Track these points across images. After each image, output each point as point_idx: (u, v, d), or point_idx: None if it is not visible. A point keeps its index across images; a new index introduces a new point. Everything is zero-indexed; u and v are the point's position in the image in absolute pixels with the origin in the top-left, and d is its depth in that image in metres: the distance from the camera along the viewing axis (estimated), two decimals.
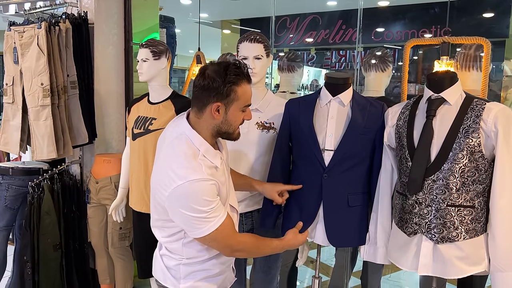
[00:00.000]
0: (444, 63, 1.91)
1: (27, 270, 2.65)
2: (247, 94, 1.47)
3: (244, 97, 1.46)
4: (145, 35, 3.19)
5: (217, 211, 1.43)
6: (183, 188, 1.38)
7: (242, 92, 1.44)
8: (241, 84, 1.44)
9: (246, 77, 1.46)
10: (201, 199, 1.39)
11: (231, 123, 1.48)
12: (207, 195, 1.40)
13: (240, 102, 1.45)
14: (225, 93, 1.41)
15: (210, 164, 1.45)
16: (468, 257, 1.60)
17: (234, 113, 1.46)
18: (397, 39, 6.49)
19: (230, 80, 1.41)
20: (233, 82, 1.42)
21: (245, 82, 1.45)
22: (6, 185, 2.78)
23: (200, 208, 1.39)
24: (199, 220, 1.40)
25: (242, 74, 1.44)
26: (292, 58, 2.93)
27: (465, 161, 1.56)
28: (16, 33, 2.69)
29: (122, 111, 3.12)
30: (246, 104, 1.48)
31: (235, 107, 1.45)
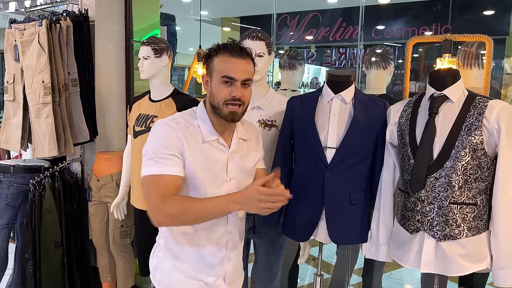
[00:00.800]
0: (446, 61, 1.91)
1: (28, 267, 2.65)
2: (225, 64, 1.42)
3: (220, 67, 1.43)
4: (146, 33, 3.19)
5: (165, 161, 1.39)
6: (154, 127, 1.46)
7: (218, 62, 1.43)
8: (220, 55, 1.43)
9: (230, 49, 1.43)
10: (157, 139, 1.42)
11: (214, 95, 1.44)
12: (163, 140, 1.41)
13: (217, 72, 1.43)
14: (208, 64, 1.47)
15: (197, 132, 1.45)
16: (471, 255, 1.60)
17: (214, 85, 1.45)
18: (397, 37, 6.49)
19: (211, 50, 1.46)
20: (211, 54, 1.45)
21: (227, 54, 1.43)
22: (7, 183, 2.78)
23: (152, 146, 1.42)
24: (145, 157, 1.42)
25: (225, 46, 1.44)
26: (293, 56, 2.92)
27: (467, 159, 1.56)
28: (17, 31, 2.68)
29: (123, 108, 3.12)
30: (223, 74, 1.42)
31: (215, 78, 1.44)
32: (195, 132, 1.46)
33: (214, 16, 7.52)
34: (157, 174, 1.38)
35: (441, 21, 5.86)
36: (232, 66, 1.42)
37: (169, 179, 1.39)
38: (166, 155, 1.39)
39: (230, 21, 8.00)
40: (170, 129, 1.43)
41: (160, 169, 1.38)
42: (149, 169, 1.40)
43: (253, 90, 2.05)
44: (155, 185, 1.38)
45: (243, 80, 1.43)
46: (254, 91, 2.05)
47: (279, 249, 2.15)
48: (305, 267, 3.59)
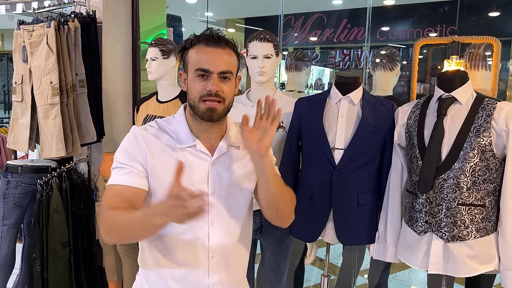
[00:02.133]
0: (454, 63, 1.91)
1: (36, 267, 2.66)
2: (199, 56, 1.23)
3: (194, 59, 1.24)
4: (153, 34, 3.20)
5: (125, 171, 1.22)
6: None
7: (192, 54, 1.25)
8: (193, 47, 1.25)
9: (205, 38, 1.24)
10: (121, 147, 1.28)
11: (189, 92, 1.26)
12: (126, 148, 1.26)
13: (191, 65, 1.25)
14: (182, 58, 1.29)
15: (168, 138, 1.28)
16: (479, 256, 1.60)
17: (190, 80, 1.26)
18: (402, 38, 6.49)
19: (185, 43, 1.27)
20: (184, 46, 1.27)
21: (201, 44, 1.24)
22: (15, 183, 2.79)
23: (116, 154, 1.28)
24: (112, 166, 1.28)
25: (200, 36, 1.25)
26: (300, 57, 2.93)
27: (476, 160, 1.56)
28: (25, 32, 2.70)
29: (129, 109, 3.13)
30: (197, 66, 1.23)
31: (190, 73, 1.26)
32: (167, 139, 1.27)
33: (218, 17, 7.54)
34: (114, 184, 1.23)
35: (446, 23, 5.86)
36: (207, 56, 1.22)
37: (116, 189, 1.22)
38: (121, 164, 1.24)
39: (234, 22, 8.02)
40: (133, 137, 1.27)
41: (119, 178, 1.23)
42: (111, 178, 1.26)
43: (261, 91, 2.08)
44: (108, 195, 1.23)
45: (220, 73, 1.22)
46: (261, 92, 2.07)
47: (286, 250, 2.15)
48: (310, 268, 3.59)
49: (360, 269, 2.73)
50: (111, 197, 1.22)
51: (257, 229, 2.09)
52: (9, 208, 2.80)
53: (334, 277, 3.04)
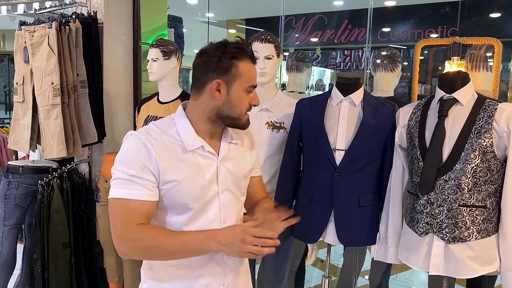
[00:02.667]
0: (455, 64, 1.91)
1: (37, 267, 2.67)
2: (251, 72, 1.27)
3: (248, 75, 1.26)
4: (154, 35, 3.20)
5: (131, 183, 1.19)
6: (125, 140, 1.26)
7: (244, 69, 1.25)
8: (243, 60, 1.25)
9: (249, 55, 1.27)
10: (124, 155, 1.22)
11: (235, 105, 1.26)
12: (130, 156, 1.20)
13: (243, 80, 1.25)
14: (226, 67, 1.23)
15: (175, 141, 1.25)
16: (480, 257, 1.60)
17: (237, 93, 1.25)
18: (403, 39, 6.49)
19: (230, 52, 1.23)
20: (233, 56, 1.23)
21: (248, 59, 1.26)
22: (16, 183, 2.79)
23: (118, 164, 1.21)
24: (112, 176, 1.22)
25: (244, 49, 1.26)
26: (301, 58, 2.93)
27: (477, 161, 1.56)
28: (26, 33, 2.70)
29: (130, 110, 3.13)
30: (251, 84, 1.27)
31: (238, 86, 1.25)
32: (172, 142, 1.25)
33: (219, 18, 7.54)
34: (122, 197, 1.19)
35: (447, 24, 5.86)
36: (254, 73, 1.29)
37: (135, 205, 1.19)
38: (131, 177, 1.19)
39: (235, 23, 8.02)
40: (138, 142, 1.21)
41: (125, 191, 1.19)
42: (114, 190, 1.21)
43: (262, 92, 2.08)
44: (119, 211, 1.19)
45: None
46: (262, 93, 2.07)
47: (287, 251, 2.15)
48: (311, 269, 3.59)
49: (361, 270, 2.73)
50: (123, 213, 1.19)
51: None
52: (10, 208, 2.81)
53: (335, 278, 3.04)
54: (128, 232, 1.18)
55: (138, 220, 1.19)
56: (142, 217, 1.20)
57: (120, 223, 1.19)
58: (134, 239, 1.18)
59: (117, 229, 1.20)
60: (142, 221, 1.20)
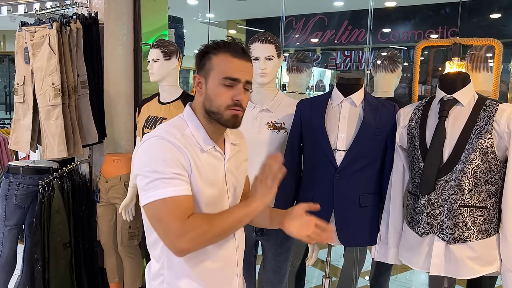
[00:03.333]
0: (455, 64, 1.91)
1: (37, 268, 2.67)
2: (226, 64, 1.27)
3: (221, 67, 1.26)
4: (154, 36, 3.21)
5: (173, 181, 1.20)
6: (145, 144, 1.24)
7: (218, 61, 1.27)
8: (219, 54, 1.27)
9: (231, 48, 1.28)
10: (158, 156, 1.21)
11: (212, 99, 1.28)
12: (166, 155, 1.21)
13: (216, 72, 1.26)
14: (202, 62, 1.29)
15: (193, 143, 1.28)
16: (481, 258, 1.60)
17: (212, 87, 1.27)
18: (403, 40, 6.49)
19: (206, 49, 1.28)
20: (208, 51, 1.28)
21: (227, 53, 1.27)
22: (17, 183, 2.80)
23: (152, 166, 1.20)
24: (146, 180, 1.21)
25: (224, 44, 1.28)
26: (301, 58, 2.93)
27: (477, 162, 1.56)
28: (27, 33, 2.70)
29: (131, 111, 3.13)
30: (225, 75, 1.26)
31: (213, 79, 1.27)
32: (190, 143, 1.28)
33: (220, 18, 7.55)
34: (169, 196, 1.19)
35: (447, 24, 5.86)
36: (235, 66, 1.27)
37: (183, 200, 1.21)
38: (172, 174, 1.20)
39: (236, 23, 8.02)
40: (168, 143, 1.23)
41: (170, 190, 1.19)
42: (155, 192, 1.19)
43: (262, 92, 2.08)
44: (169, 209, 1.19)
45: (246, 82, 1.29)
46: (263, 93, 2.08)
47: (287, 251, 2.15)
48: (311, 270, 3.59)
49: (361, 270, 2.73)
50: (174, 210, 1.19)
51: (258, 231, 2.09)
52: (10, 209, 2.81)
53: (336, 279, 3.04)
54: (185, 225, 1.18)
55: (188, 213, 1.21)
56: (190, 211, 1.22)
57: (174, 220, 1.18)
58: (194, 228, 1.19)
59: (171, 227, 1.18)
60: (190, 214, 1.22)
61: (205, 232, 1.20)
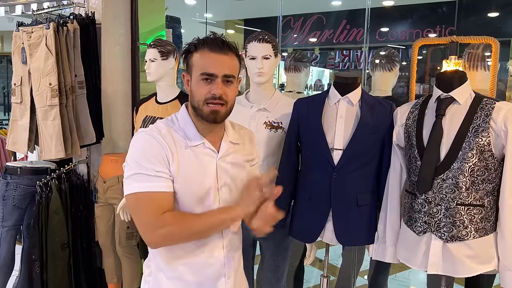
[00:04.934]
0: (453, 63, 1.92)
1: (35, 269, 2.66)
2: (204, 60, 1.29)
3: (199, 63, 1.30)
4: (152, 35, 3.21)
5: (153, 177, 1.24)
6: (134, 137, 1.31)
7: (198, 58, 1.30)
8: (199, 50, 1.30)
9: (210, 43, 1.30)
10: (141, 152, 1.27)
11: (193, 94, 1.32)
12: (149, 151, 1.26)
13: (196, 68, 1.30)
14: (187, 61, 1.33)
15: (179, 138, 1.31)
16: (478, 256, 1.60)
17: (194, 83, 1.32)
18: (401, 39, 6.50)
19: (189, 47, 1.32)
20: (189, 49, 1.32)
21: (205, 48, 1.30)
22: (14, 184, 2.79)
23: (136, 159, 1.26)
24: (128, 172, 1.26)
25: (204, 41, 1.31)
26: (299, 58, 2.93)
27: (474, 160, 1.56)
28: (24, 34, 2.70)
29: (128, 111, 3.13)
30: (203, 71, 1.29)
31: (194, 75, 1.31)
32: (177, 137, 1.31)
33: (218, 18, 7.55)
34: (147, 191, 1.24)
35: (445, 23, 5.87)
36: (212, 61, 1.29)
37: (160, 196, 1.25)
38: (153, 171, 1.25)
39: (234, 23, 8.02)
40: (153, 140, 1.28)
41: (150, 184, 1.24)
42: (134, 185, 1.25)
43: (260, 92, 2.08)
44: (146, 202, 1.24)
45: (224, 76, 1.29)
46: (260, 93, 2.07)
47: (286, 251, 2.15)
48: (310, 269, 3.59)
49: (359, 270, 2.73)
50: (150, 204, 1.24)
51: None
52: (8, 209, 2.80)
53: (334, 278, 3.04)
54: (157, 220, 1.24)
55: (163, 209, 1.25)
56: (166, 208, 1.26)
57: (147, 214, 1.24)
58: (164, 225, 1.24)
59: (144, 220, 1.25)
60: (166, 210, 1.26)
61: (175, 231, 1.25)
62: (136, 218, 1.27)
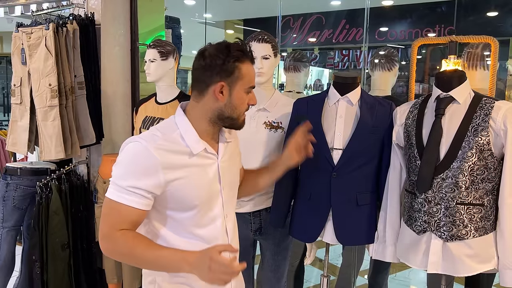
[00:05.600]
0: (452, 62, 1.92)
1: (35, 269, 2.67)
2: (251, 74, 1.33)
3: (248, 76, 1.31)
4: (151, 36, 3.21)
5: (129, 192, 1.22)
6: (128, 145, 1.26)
7: (246, 71, 1.30)
8: (245, 62, 1.30)
9: (250, 56, 1.32)
10: (128, 165, 1.24)
11: (236, 107, 1.31)
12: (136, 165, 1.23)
13: (245, 81, 1.31)
14: (229, 70, 1.27)
15: (181, 147, 1.28)
16: (478, 255, 1.61)
17: (239, 95, 1.30)
18: (400, 39, 6.49)
19: (234, 55, 1.27)
20: (237, 58, 1.28)
21: (248, 61, 1.32)
22: (14, 185, 2.80)
23: (121, 170, 1.24)
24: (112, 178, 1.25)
25: (245, 51, 1.31)
26: (299, 58, 2.93)
27: (474, 159, 1.56)
28: (24, 34, 2.70)
29: (128, 111, 3.13)
30: (251, 85, 1.33)
31: (240, 88, 1.30)
32: (177, 147, 1.28)
33: (217, 18, 7.54)
34: (116, 200, 1.23)
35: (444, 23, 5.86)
36: (254, 74, 1.34)
37: (125, 210, 1.23)
38: (132, 187, 1.22)
39: (233, 23, 8.02)
40: (143, 149, 1.23)
41: (121, 195, 1.23)
42: (111, 191, 1.25)
43: (259, 92, 2.08)
44: (109, 211, 1.25)
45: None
46: (260, 93, 2.07)
47: (286, 250, 2.15)
48: (310, 269, 3.59)
49: (360, 269, 2.73)
50: (114, 215, 1.24)
51: (256, 230, 2.10)
52: (8, 210, 2.81)
53: (334, 278, 3.04)
54: (111, 234, 1.24)
55: (123, 225, 1.25)
56: (128, 223, 1.25)
57: (107, 223, 1.26)
58: (114, 243, 1.25)
59: (103, 228, 1.26)
60: (128, 227, 1.25)
61: (120, 254, 1.27)
62: (101, 220, 1.28)
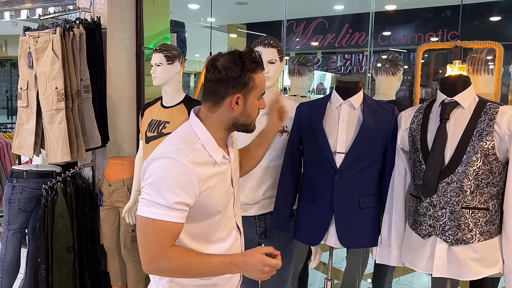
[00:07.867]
0: (456, 67, 1.93)
1: (41, 272, 2.68)
2: (263, 82, 1.38)
3: (261, 85, 1.37)
4: (156, 40, 3.23)
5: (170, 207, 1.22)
6: (161, 161, 1.24)
7: (259, 80, 1.35)
8: (258, 72, 1.35)
9: (261, 64, 1.37)
10: (166, 179, 1.23)
11: (250, 114, 1.37)
12: (173, 180, 1.23)
13: (258, 90, 1.36)
14: (245, 82, 1.31)
15: (206, 157, 1.30)
16: (483, 259, 1.61)
17: (252, 103, 1.36)
18: (403, 43, 6.51)
19: (249, 68, 1.31)
20: (252, 70, 1.32)
21: (260, 69, 1.36)
22: (20, 187, 2.81)
23: (159, 187, 1.22)
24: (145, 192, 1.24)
25: (259, 62, 1.36)
26: (303, 62, 2.95)
27: (479, 164, 1.57)
28: (31, 38, 2.73)
29: (133, 115, 3.15)
30: (262, 92, 1.39)
31: (253, 97, 1.35)
32: (204, 159, 1.30)
33: (221, 22, 7.57)
34: (160, 219, 1.22)
35: (448, 27, 5.88)
36: (264, 81, 1.39)
37: (172, 227, 1.24)
38: (171, 203, 1.22)
39: (236, 27, 8.05)
40: (180, 167, 1.24)
41: (165, 214, 1.22)
42: (151, 210, 1.23)
43: (265, 96, 2.08)
44: (155, 232, 1.23)
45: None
46: (265, 97, 2.08)
47: (290, 254, 2.16)
48: (314, 273, 3.59)
49: (363, 273, 2.74)
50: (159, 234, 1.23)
51: (261, 233, 2.11)
52: (14, 213, 2.83)
53: (338, 281, 3.04)
54: (163, 254, 1.24)
55: (171, 242, 1.26)
56: (174, 239, 1.28)
57: (155, 245, 1.24)
58: (168, 262, 1.25)
59: (149, 248, 1.24)
60: (173, 243, 1.28)
61: (176, 271, 1.29)
62: (141, 242, 1.26)
